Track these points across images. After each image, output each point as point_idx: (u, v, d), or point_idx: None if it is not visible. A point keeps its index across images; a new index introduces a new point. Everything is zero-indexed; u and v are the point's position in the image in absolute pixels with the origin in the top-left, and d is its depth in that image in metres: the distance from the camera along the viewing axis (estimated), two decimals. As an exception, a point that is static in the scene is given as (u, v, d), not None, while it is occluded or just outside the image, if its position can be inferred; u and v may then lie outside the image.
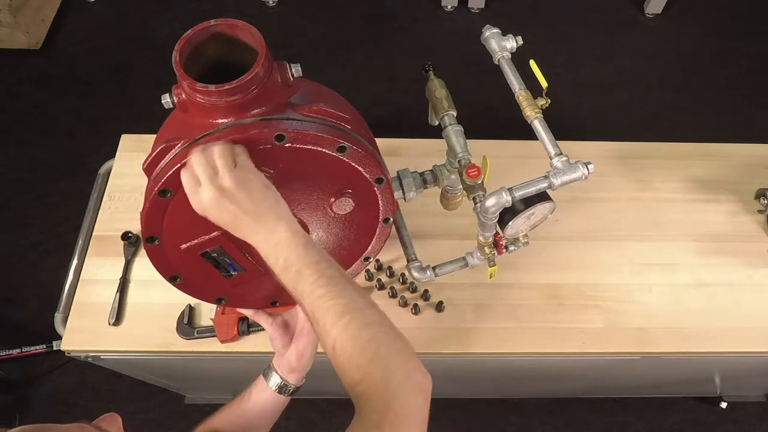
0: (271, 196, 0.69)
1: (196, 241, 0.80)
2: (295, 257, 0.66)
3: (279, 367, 0.89)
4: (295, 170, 0.75)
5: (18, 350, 1.91)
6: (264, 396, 0.88)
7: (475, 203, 0.88)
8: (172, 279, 0.86)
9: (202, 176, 0.66)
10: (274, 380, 0.88)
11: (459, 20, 2.75)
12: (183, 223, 0.77)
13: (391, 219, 0.94)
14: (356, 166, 0.81)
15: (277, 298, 0.97)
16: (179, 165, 0.71)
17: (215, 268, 0.85)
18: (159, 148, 0.76)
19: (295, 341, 0.89)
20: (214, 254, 0.82)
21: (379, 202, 0.90)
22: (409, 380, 0.60)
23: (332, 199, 0.85)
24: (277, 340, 0.89)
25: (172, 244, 0.80)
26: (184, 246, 0.80)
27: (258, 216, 0.67)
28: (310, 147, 0.75)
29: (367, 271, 1.23)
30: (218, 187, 0.65)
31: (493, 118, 1.83)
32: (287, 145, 0.73)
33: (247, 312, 0.96)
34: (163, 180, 0.73)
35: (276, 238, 0.66)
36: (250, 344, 1.16)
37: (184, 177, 0.68)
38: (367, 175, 0.84)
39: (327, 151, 0.77)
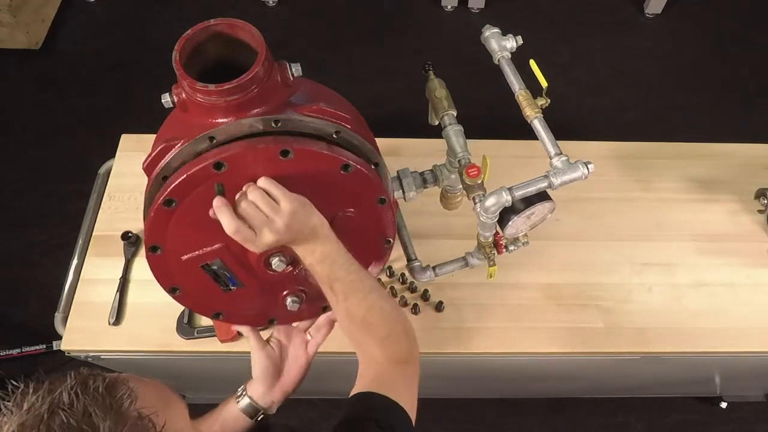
0: (309, 210, 0.76)
1: (197, 252, 0.81)
2: (330, 250, 0.78)
3: (254, 393, 0.88)
4: (297, 186, 0.76)
5: (18, 350, 1.91)
6: (234, 416, 0.88)
7: (475, 203, 0.88)
8: (171, 290, 0.86)
9: (256, 224, 0.72)
10: (246, 404, 0.87)
11: (459, 20, 2.75)
12: (186, 234, 0.78)
13: (392, 241, 0.94)
14: (360, 185, 0.82)
15: (275, 317, 0.96)
16: (185, 176, 0.72)
17: (215, 281, 0.85)
18: (159, 148, 0.77)
19: (288, 375, 0.90)
20: (215, 267, 0.83)
21: (381, 222, 0.90)
22: (415, 337, 0.85)
23: (333, 217, 0.84)
24: (259, 369, 0.89)
25: (173, 255, 0.80)
26: (185, 257, 0.81)
27: (305, 230, 0.76)
28: (314, 164, 0.76)
29: (367, 270, 1.23)
30: (275, 230, 0.72)
31: (493, 118, 1.83)
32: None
33: (241, 329, 0.96)
34: (168, 190, 0.73)
35: (315, 235, 0.77)
36: (250, 344, 1.16)
37: (236, 234, 0.71)
38: (370, 195, 0.84)
39: (331, 169, 0.78)
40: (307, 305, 0.94)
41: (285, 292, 0.91)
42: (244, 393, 0.88)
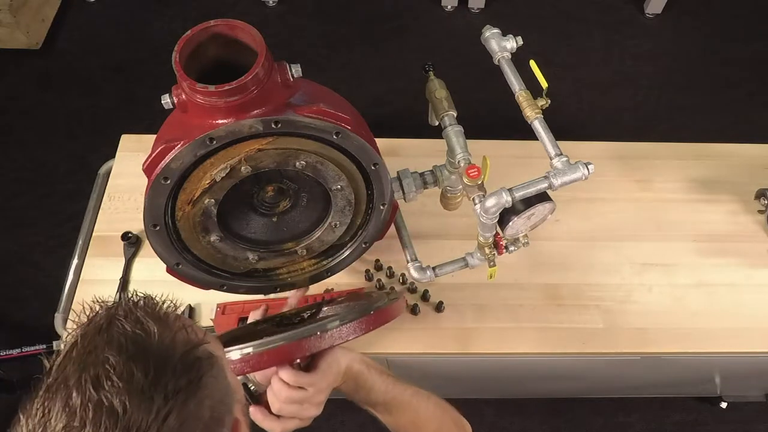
0: (336, 365, 0.81)
1: None
2: (364, 381, 0.84)
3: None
4: None
5: (18, 350, 1.91)
6: None
7: (475, 204, 0.88)
8: None
9: (296, 415, 0.80)
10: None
11: (459, 20, 2.75)
12: None
13: None
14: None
15: None
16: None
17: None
18: (159, 149, 0.77)
19: None
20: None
21: None
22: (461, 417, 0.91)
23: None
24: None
25: None
26: None
27: (339, 378, 0.82)
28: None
29: (367, 271, 1.23)
30: (317, 408, 0.81)
31: (493, 118, 1.83)
32: None
33: None
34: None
35: (346, 376, 0.83)
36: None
37: (289, 426, 0.80)
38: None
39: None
40: None
41: None
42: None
